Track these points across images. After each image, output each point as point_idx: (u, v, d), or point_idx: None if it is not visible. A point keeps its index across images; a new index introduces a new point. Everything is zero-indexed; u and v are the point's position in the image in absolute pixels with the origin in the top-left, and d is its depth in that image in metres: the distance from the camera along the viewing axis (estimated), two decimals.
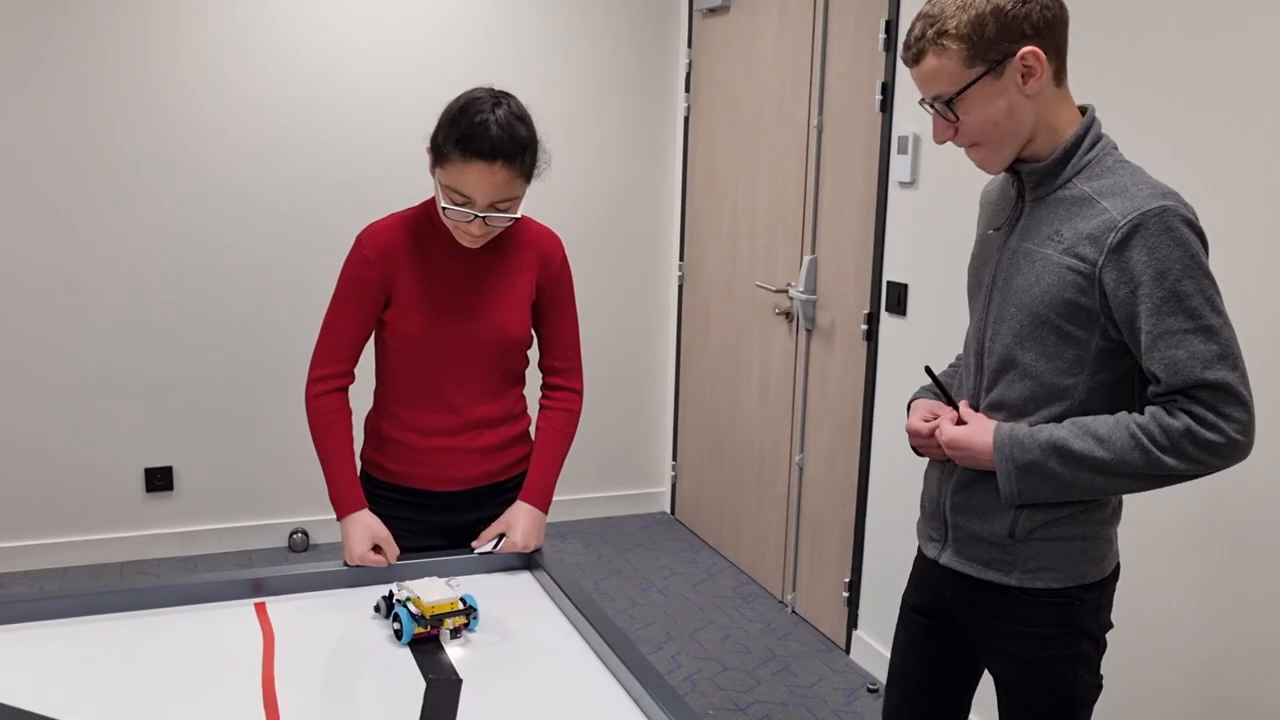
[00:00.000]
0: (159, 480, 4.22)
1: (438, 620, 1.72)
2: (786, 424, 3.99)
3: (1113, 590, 1.78)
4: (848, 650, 3.64)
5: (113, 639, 1.72)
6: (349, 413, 2.05)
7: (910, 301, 3.24)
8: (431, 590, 1.74)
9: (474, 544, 2.06)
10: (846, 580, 3.63)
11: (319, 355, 2.05)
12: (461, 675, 1.64)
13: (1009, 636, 1.76)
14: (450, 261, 2.03)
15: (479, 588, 1.97)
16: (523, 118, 1.91)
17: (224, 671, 1.62)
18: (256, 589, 1.90)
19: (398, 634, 1.73)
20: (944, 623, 1.90)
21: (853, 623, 3.61)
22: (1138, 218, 1.55)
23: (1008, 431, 1.66)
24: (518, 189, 1.92)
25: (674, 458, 4.94)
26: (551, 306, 2.13)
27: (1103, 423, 1.60)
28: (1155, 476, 1.59)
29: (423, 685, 1.60)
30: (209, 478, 4.29)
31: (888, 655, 3.37)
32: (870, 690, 3.38)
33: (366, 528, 1.99)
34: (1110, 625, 1.78)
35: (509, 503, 2.12)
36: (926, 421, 1.79)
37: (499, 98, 1.91)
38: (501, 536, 2.05)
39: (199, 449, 4.26)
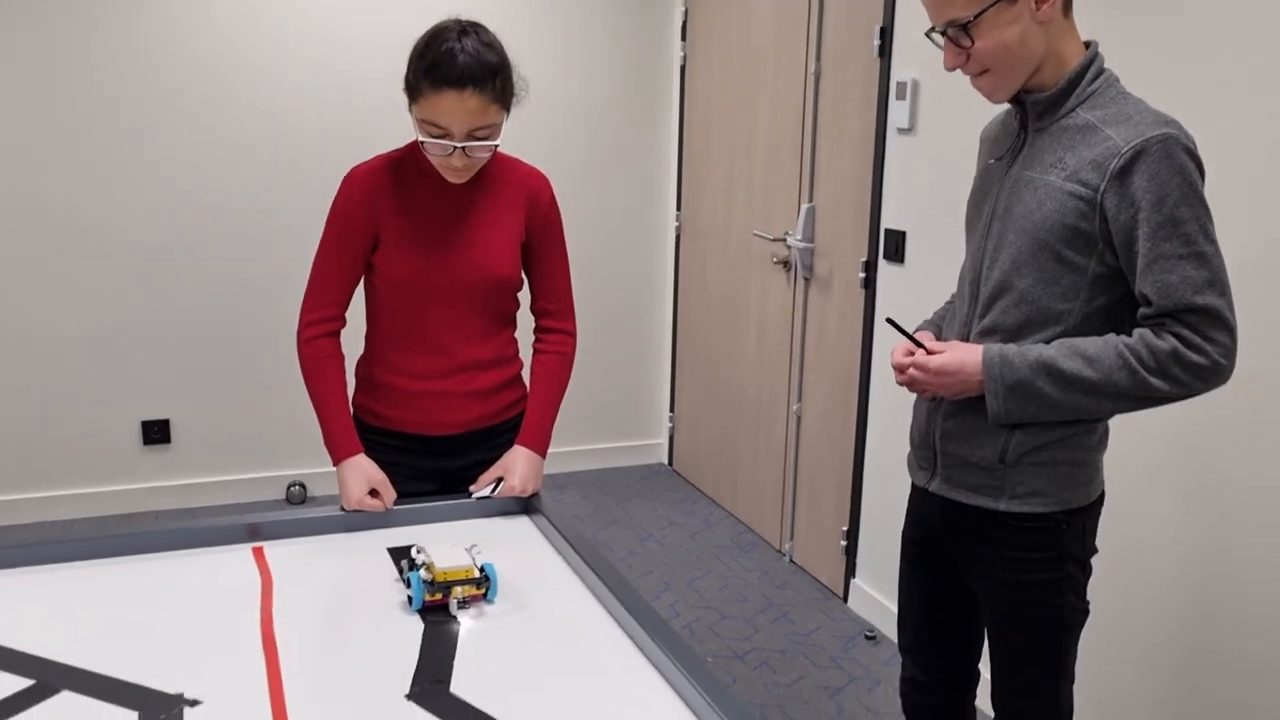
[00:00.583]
0: (156, 433, 4.21)
1: (447, 587, 1.63)
2: (784, 373, 3.98)
3: (1098, 516, 1.82)
4: (845, 599, 3.66)
5: (111, 583, 1.72)
6: (341, 357, 2.04)
7: (909, 249, 3.22)
8: (449, 555, 1.66)
9: (471, 488, 2.05)
10: (844, 529, 3.64)
11: (309, 300, 2.04)
12: (459, 616, 1.63)
13: (997, 562, 1.80)
14: (437, 201, 2.01)
15: (477, 533, 1.96)
16: (491, 44, 1.89)
17: (222, 614, 1.62)
18: (254, 534, 1.89)
19: (411, 601, 1.65)
20: (939, 552, 1.93)
21: (850, 571, 3.63)
22: (1140, 144, 1.58)
23: (997, 351, 1.69)
24: (493, 116, 1.89)
25: (671, 409, 4.94)
26: (541, 247, 2.11)
27: (1091, 343, 1.64)
28: (1141, 397, 1.63)
29: (421, 626, 1.60)
30: (206, 430, 4.28)
31: (886, 603, 3.39)
32: (868, 637, 3.40)
33: (363, 472, 1.98)
34: (1095, 550, 1.82)
35: (505, 446, 2.11)
36: (909, 355, 1.81)
37: (465, 27, 1.89)
38: (499, 481, 2.05)
39: (196, 402, 4.25)
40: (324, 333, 2.03)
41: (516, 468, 2.05)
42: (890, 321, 1.83)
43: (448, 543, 1.69)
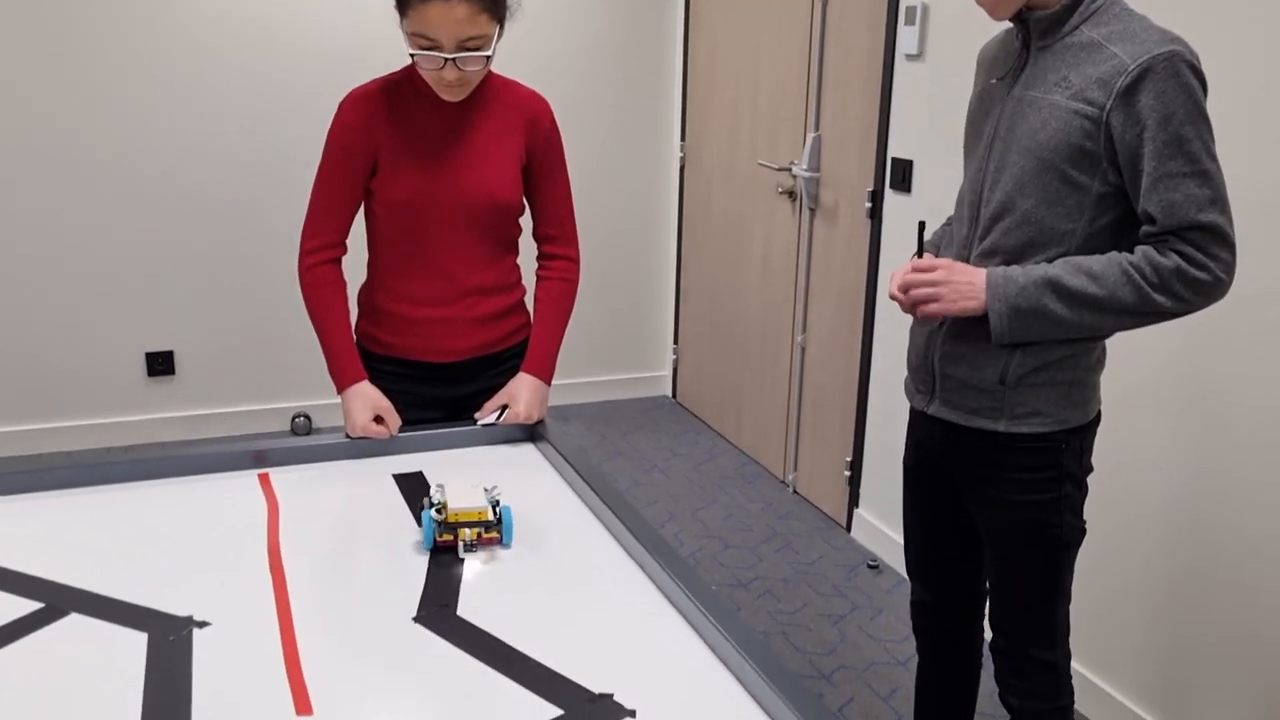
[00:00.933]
0: (160, 364, 4.21)
1: (455, 527, 1.58)
2: (789, 305, 3.96)
3: (1094, 435, 1.83)
4: (848, 528, 3.68)
5: (118, 508, 1.72)
6: (343, 284, 2.03)
7: (915, 178, 3.19)
8: (465, 495, 1.61)
9: (476, 415, 2.05)
10: (848, 460, 3.65)
11: (308, 228, 2.02)
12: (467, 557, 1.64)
13: (996, 483, 1.82)
14: (435, 124, 1.98)
15: (481, 460, 1.96)
16: None
17: (229, 539, 1.63)
18: (260, 460, 1.89)
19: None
20: (939, 475, 1.95)
21: (854, 501, 3.64)
22: (1147, 61, 1.57)
23: (1000, 272, 1.69)
24: (483, 26, 1.85)
25: (675, 341, 4.93)
26: (542, 171, 2.08)
27: (1095, 261, 1.65)
28: (1144, 314, 1.64)
29: (428, 552, 1.61)
30: (210, 362, 4.28)
31: (889, 533, 3.41)
32: (871, 567, 3.42)
33: (367, 399, 1.97)
34: (1091, 469, 1.84)
35: (509, 373, 2.10)
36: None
37: None
38: (504, 408, 2.04)
39: (200, 333, 4.24)
40: (325, 260, 2.01)
41: (521, 395, 2.04)
42: (921, 225, 1.81)
43: (467, 481, 1.64)
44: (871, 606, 3.19)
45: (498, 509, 1.61)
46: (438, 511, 1.58)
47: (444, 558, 1.59)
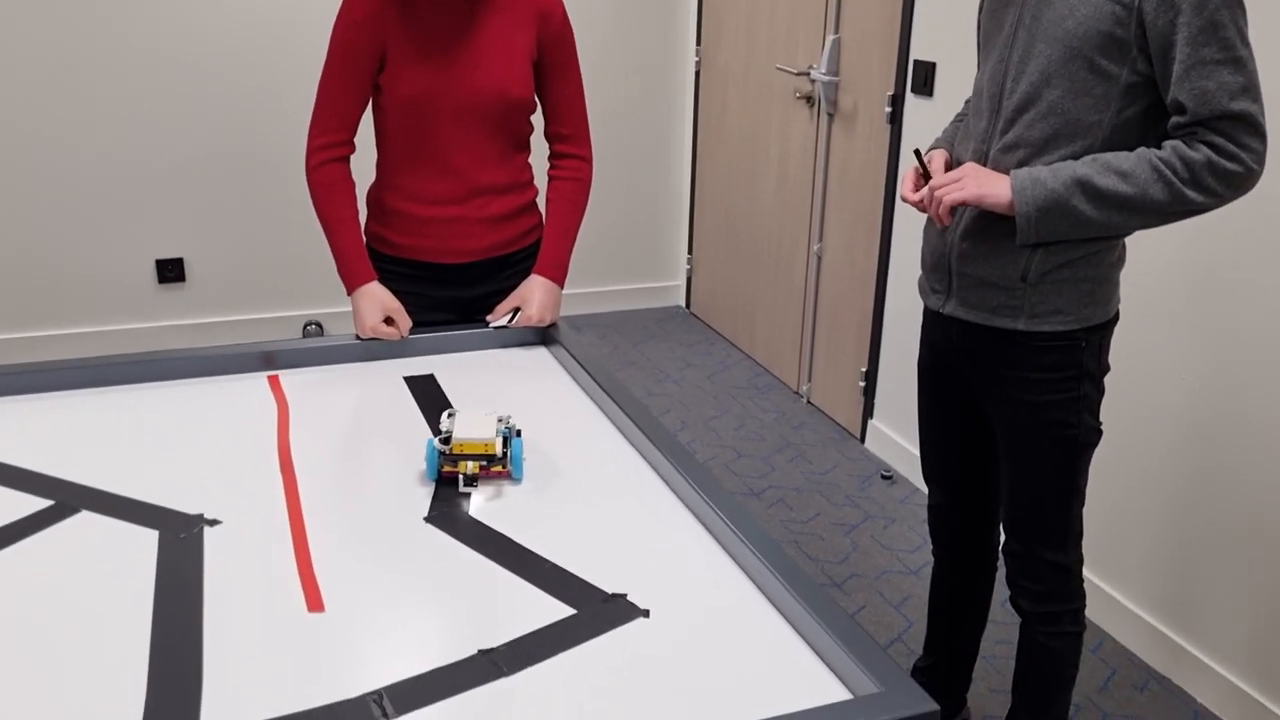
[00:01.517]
0: (170, 272, 4.18)
1: (456, 460, 1.48)
2: (805, 213, 3.90)
3: (1112, 334, 1.80)
4: (862, 439, 3.66)
5: (128, 409, 1.70)
6: (352, 183, 1.98)
7: (938, 81, 3.10)
8: (473, 423, 1.50)
9: (489, 318, 2.02)
10: (863, 370, 3.62)
11: (315, 125, 1.96)
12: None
13: (1014, 382, 1.79)
14: (443, 18, 1.92)
15: (494, 362, 1.94)
16: None
17: (239, 440, 1.61)
18: (269, 362, 1.87)
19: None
20: (955, 377, 1.93)
21: (868, 412, 3.62)
22: None
23: (1026, 173, 1.65)
24: None
25: (689, 251, 4.87)
26: (554, 67, 2.02)
27: (1124, 158, 1.60)
28: (1175, 211, 1.60)
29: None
30: (221, 269, 4.25)
31: (903, 444, 3.39)
32: (884, 477, 3.41)
33: (377, 299, 1.94)
34: (1108, 368, 1.81)
35: (521, 275, 2.07)
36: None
37: None
38: (516, 310, 2.01)
39: (209, 240, 4.20)
40: (332, 158, 1.96)
41: (534, 297, 2.01)
42: (916, 153, 1.79)
43: (483, 407, 1.55)
44: (884, 516, 3.19)
45: (508, 442, 1.51)
46: (443, 441, 1.49)
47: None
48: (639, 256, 4.88)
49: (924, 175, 1.81)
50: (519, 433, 1.54)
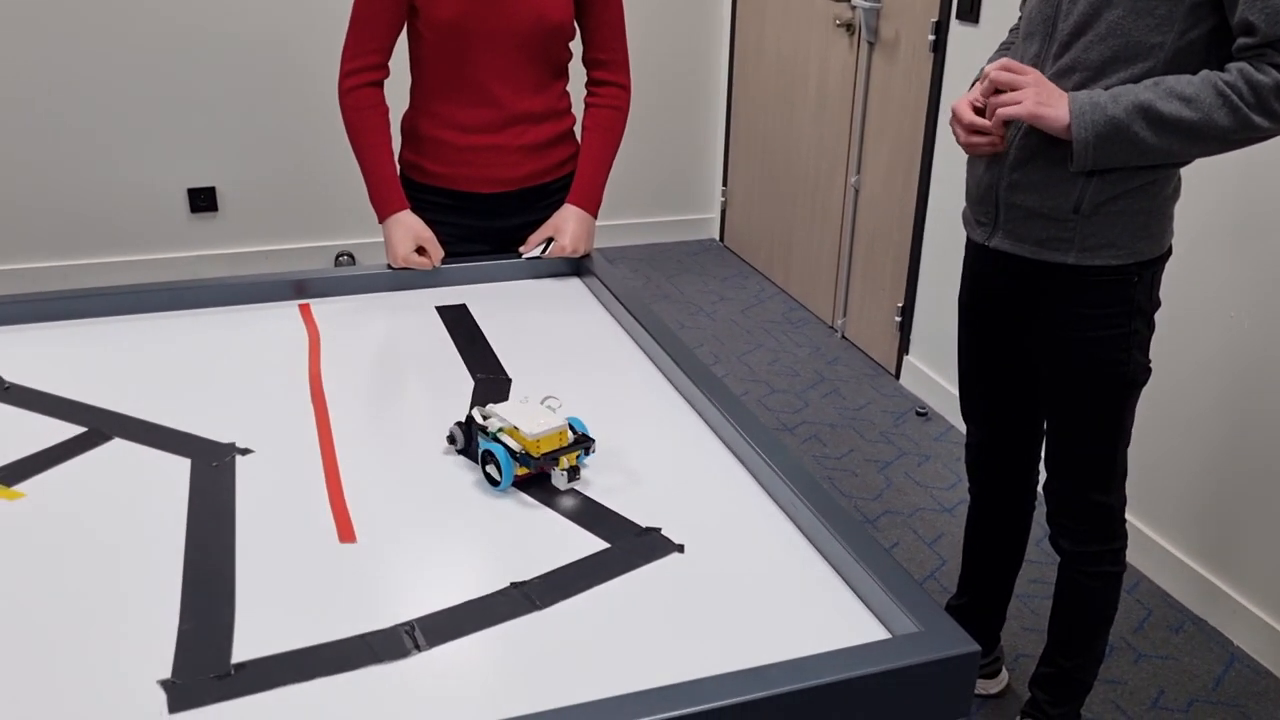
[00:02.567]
0: (202, 201, 4.17)
1: (551, 459, 1.29)
2: (843, 144, 3.82)
3: (1163, 270, 1.74)
4: (897, 375, 3.62)
5: (159, 337, 1.69)
6: (385, 109, 1.94)
7: (984, 7, 3.01)
8: (530, 416, 1.30)
9: (521, 248, 1.99)
10: (899, 305, 3.56)
11: (348, 49, 1.92)
12: (511, 375, 1.60)
13: (1062, 318, 1.74)
14: None
15: (526, 293, 1.91)
16: None
17: (270, 368, 1.60)
18: (300, 291, 1.85)
19: (491, 480, 1.30)
20: (998, 312, 1.88)
21: (904, 348, 3.57)
22: None
23: (1085, 96, 1.57)
24: None
25: (724, 183, 4.80)
26: None
27: (1187, 83, 1.53)
28: (1238, 139, 1.54)
29: (471, 383, 1.57)
30: (253, 198, 4.23)
31: (939, 380, 3.35)
32: (919, 414, 3.38)
33: (409, 228, 1.91)
34: (1159, 304, 1.75)
35: (557, 206, 2.03)
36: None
37: None
38: (549, 241, 1.98)
39: (242, 169, 4.18)
40: (366, 82, 1.92)
41: (567, 227, 1.97)
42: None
43: (509, 403, 1.34)
44: (919, 453, 3.16)
45: (571, 425, 1.34)
46: (510, 437, 1.29)
47: (487, 385, 1.55)
48: (672, 188, 4.81)
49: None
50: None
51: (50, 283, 4.07)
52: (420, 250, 1.92)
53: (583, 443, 1.31)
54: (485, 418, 1.32)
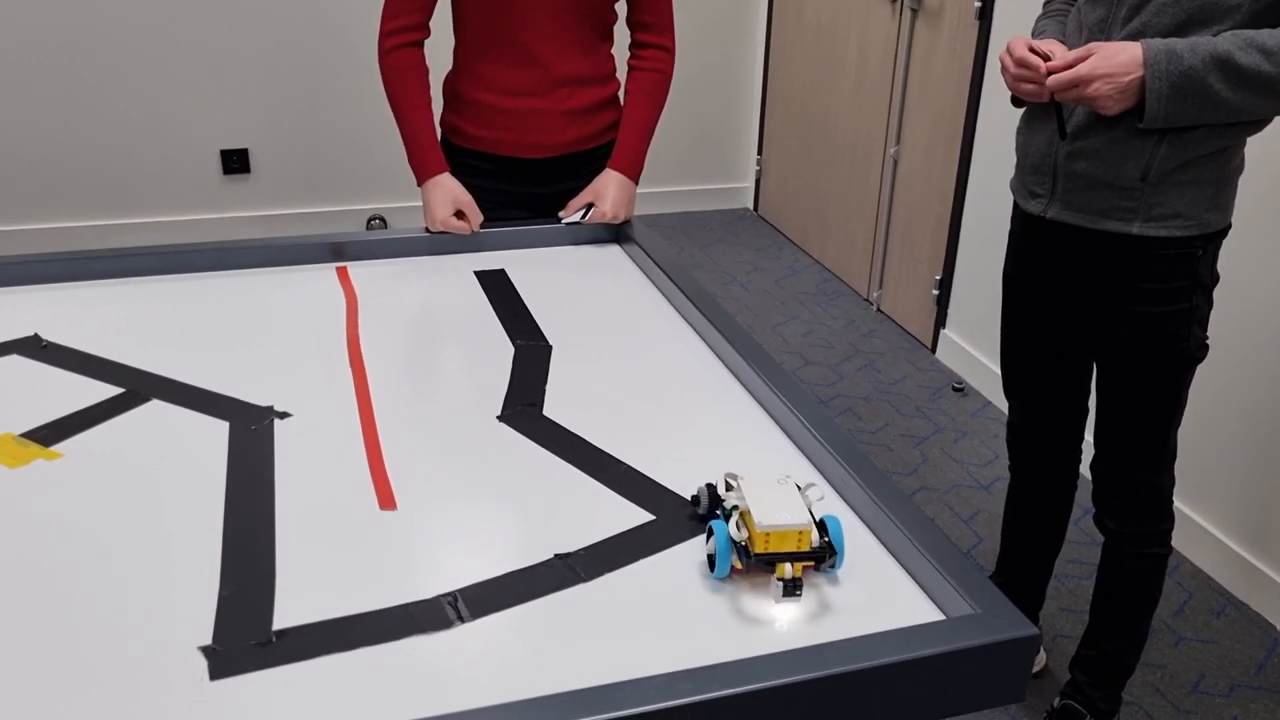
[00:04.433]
0: (235, 163, 4.15)
1: (770, 560, 1.02)
2: (883, 114, 3.76)
3: (1221, 244, 1.68)
4: (934, 349, 3.57)
5: (195, 297, 1.68)
6: (426, 70, 1.90)
7: None
8: (775, 501, 1.05)
9: (561, 214, 1.96)
10: (937, 278, 3.51)
11: (388, 7, 1.87)
12: (552, 342, 1.57)
13: (1122, 292, 1.69)
14: None
15: (565, 259, 1.88)
16: None
17: (307, 332, 1.58)
18: (338, 253, 1.83)
19: (710, 561, 1.07)
20: (1050, 286, 1.82)
21: (941, 322, 3.52)
22: None
23: (1160, 44, 1.49)
24: None
25: (759, 151, 4.74)
26: None
27: (1268, 35, 1.46)
28: None
29: (511, 349, 1.54)
30: (286, 161, 4.21)
31: (977, 355, 3.30)
32: (956, 389, 3.33)
33: (448, 191, 1.88)
34: (1218, 279, 1.70)
35: (599, 173, 1.99)
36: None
37: None
38: (590, 206, 1.94)
39: (275, 131, 4.15)
40: (406, 42, 1.88)
41: (608, 193, 1.94)
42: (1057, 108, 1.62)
43: (767, 474, 1.10)
44: (955, 429, 3.11)
45: (824, 524, 1.07)
46: (737, 526, 1.06)
47: (528, 353, 1.52)
48: (707, 156, 4.76)
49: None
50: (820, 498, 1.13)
51: (84, 242, 4.07)
52: (459, 215, 1.88)
53: (823, 554, 1.04)
54: (730, 487, 1.11)
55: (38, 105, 3.87)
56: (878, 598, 1.06)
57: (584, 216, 1.93)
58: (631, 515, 1.17)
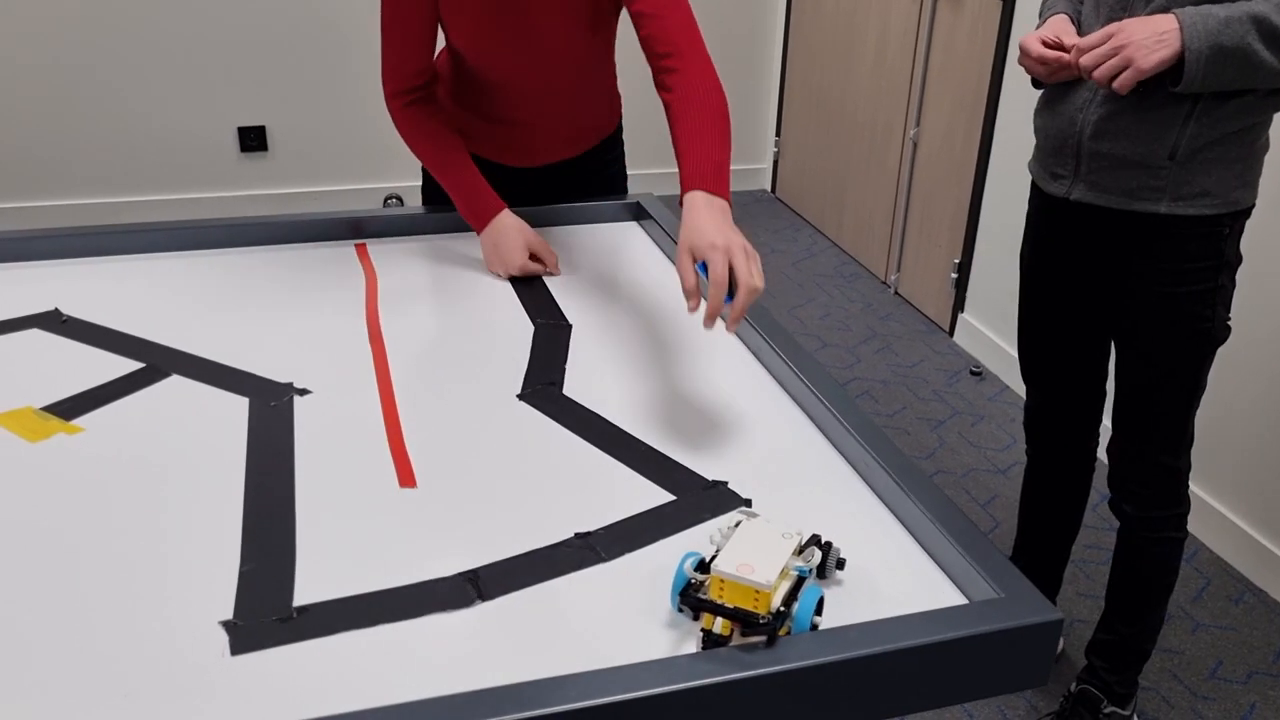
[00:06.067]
0: (252, 140, 4.15)
1: (729, 614, 0.90)
2: (903, 96, 3.73)
3: (1245, 223, 1.66)
4: (951, 333, 3.56)
5: (214, 273, 1.67)
6: (444, 115, 1.77)
7: None
8: (754, 552, 0.93)
9: (705, 324, 1.23)
10: (955, 261, 3.49)
11: (386, 70, 1.70)
12: (571, 320, 1.57)
13: (1147, 271, 1.66)
14: None
15: (583, 237, 1.87)
16: None
17: (326, 309, 1.57)
18: (357, 230, 1.83)
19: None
20: (1072, 268, 1.80)
21: (959, 305, 3.51)
22: None
23: (1193, 10, 1.45)
24: None
25: (777, 133, 4.72)
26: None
27: None
28: None
29: (532, 329, 1.54)
30: (303, 139, 4.21)
31: (995, 339, 3.29)
32: (973, 373, 3.32)
33: (519, 235, 1.70)
34: (1241, 259, 1.67)
35: (602, 162, 1.90)
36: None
37: None
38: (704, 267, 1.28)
39: (292, 109, 4.15)
40: (413, 100, 1.72)
41: (719, 238, 1.25)
42: None
43: (756, 521, 0.99)
44: (972, 413, 3.10)
45: (798, 589, 0.94)
46: (698, 567, 0.96)
47: (549, 332, 1.51)
48: None
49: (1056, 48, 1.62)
50: (840, 563, 1.03)
51: (102, 218, 4.08)
52: (533, 257, 1.72)
53: (768, 628, 0.89)
54: (730, 527, 0.99)
55: (58, 83, 3.87)
56: (899, 580, 1.05)
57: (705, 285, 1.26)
58: (652, 495, 1.17)
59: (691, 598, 0.93)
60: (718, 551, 0.95)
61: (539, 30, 1.65)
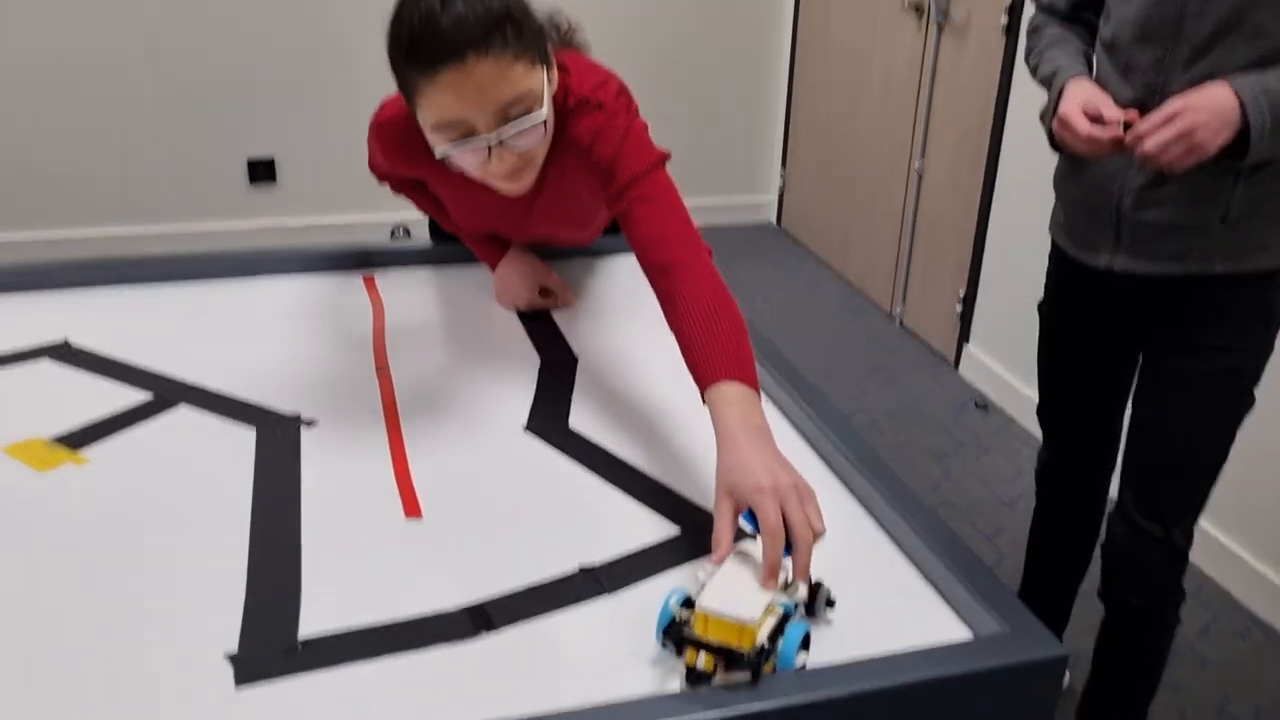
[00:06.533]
0: (262, 172, 4.18)
1: (712, 649, 0.90)
2: (908, 128, 3.75)
3: None
4: (956, 365, 3.56)
5: (221, 304, 1.68)
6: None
7: None
8: (738, 589, 0.93)
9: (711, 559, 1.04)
10: (960, 294, 3.50)
11: (373, 156, 1.73)
12: (578, 354, 1.57)
13: (1199, 327, 1.59)
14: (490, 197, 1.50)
15: (589, 270, 1.87)
16: None
17: (334, 339, 1.58)
18: (364, 261, 1.84)
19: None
20: (1105, 333, 1.75)
21: (964, 337, 3.51)
22: None
23: (1252, 81, 1.39)
24: (522, 78, 1.27)
25: (783, 165, 4.74)
26: (622, 199, 1.37)
27: None
28: None
29: (539, 362, 1.54)
30: (312, 170, 4.23)
31: (999, 371, 3.29)
32: (979, 406, 3.32)
33: (530, 269, 1.70)
34: None
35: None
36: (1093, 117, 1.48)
37: None
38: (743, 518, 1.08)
39: (301, 141, 4.18)
40: (403, 181, 1.75)
41: (767, 480, 1.03)
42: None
43: (734, 563, 0.98)
44: (978, 445, 3.10)
45: (783, 626, 0.93)
46: (684, 602, 0.95)
47: (556, 366, 1.52)
48: (729, 169, 4.76)
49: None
50: (830, 603, 1.02)
51: (111, 249, 4.10)
52: (544, 293, 1.72)
53: (752, 664, 0.89)
54: (705, 575, 0.97)
55: (68, 114, 3.91)
56: (904, 614, 1.05)
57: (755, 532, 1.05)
58: (657, 528, 1.17)
59: (675, 633, 0.93)
60: (703, 587, 0.94)
61: (532, 230, 1.68)
